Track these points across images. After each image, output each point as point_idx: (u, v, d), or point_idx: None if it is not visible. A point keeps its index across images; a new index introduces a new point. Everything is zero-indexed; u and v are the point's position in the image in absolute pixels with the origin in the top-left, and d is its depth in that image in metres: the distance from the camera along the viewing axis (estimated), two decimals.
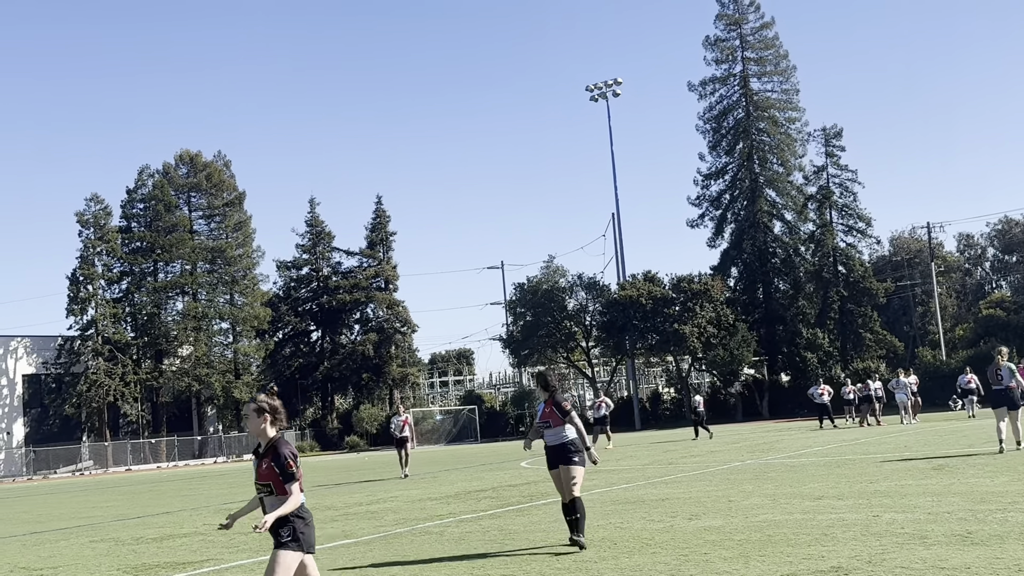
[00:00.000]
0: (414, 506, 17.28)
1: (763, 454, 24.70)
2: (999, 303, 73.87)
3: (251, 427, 6.60)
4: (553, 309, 74.75)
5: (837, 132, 73.94)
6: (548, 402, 10.61)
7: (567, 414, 10.42)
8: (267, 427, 6.55)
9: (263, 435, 6.56)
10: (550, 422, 10.49)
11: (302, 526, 6.48)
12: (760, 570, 8.24)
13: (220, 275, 78.66)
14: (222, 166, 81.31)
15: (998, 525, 9.60)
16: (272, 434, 6.56)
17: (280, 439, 6.55)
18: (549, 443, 10.53)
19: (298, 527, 6.46)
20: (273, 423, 6.57)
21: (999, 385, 19.69)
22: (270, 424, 6.55)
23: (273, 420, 6.57)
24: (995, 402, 19.89)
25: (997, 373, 19.80)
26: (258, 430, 6.57)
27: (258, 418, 6.56)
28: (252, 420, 6.58)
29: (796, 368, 71.91)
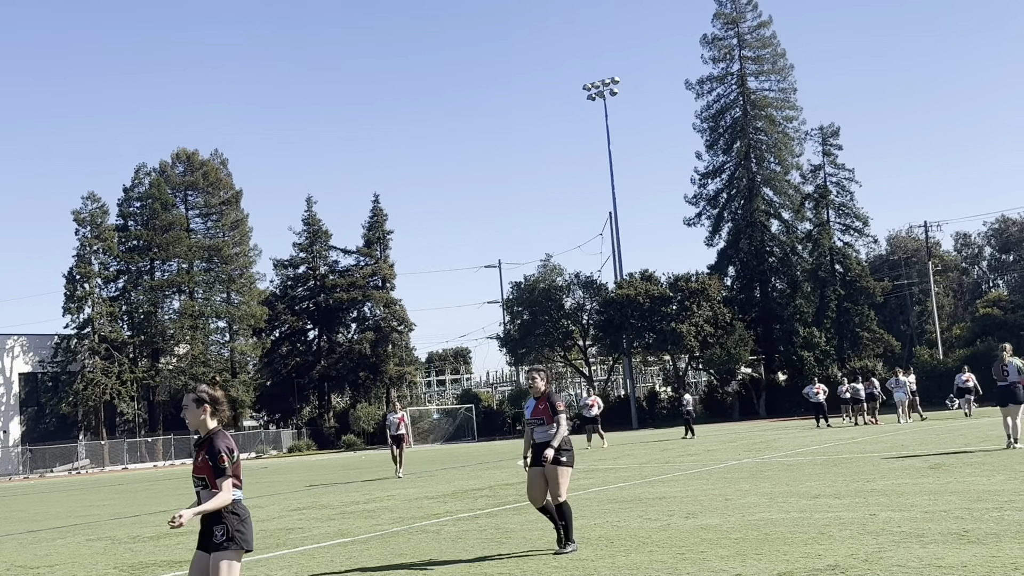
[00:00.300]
0: (411, 505, 17.26)
1: (760, 453, 24.71)
2: (996, 302, 73.95)
3: (190, 418, 6.32)
4: (550, 308, 74.76)
5: (834, 131, 73.99)
6: (542, 399, 10.33)
7: (558, 413, 10.13)
8: (207, 418, 6.28)
9: (203, 426, 6.30)
10: (543, 419, 10.22)
11: (237, 523, 6.22)
12: (756, 568, 8.24)
13: (217, 274, 78.65)
14: (219, 164, 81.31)
15: (994, 524, 9.61)
16: (211, 426, 6.30)
17: (218, 432, 6.29)
18: (539, 440, 10.21)
19: (232, 525, 6.20)
20: (214, 415, 6.31)
21: (1004, 381, 19.67)
22: (210, 416, 6.29)
23: (214, 411, 6.32)
24: (1001, 399, 19.89)
25: (1003, 369, 19.77)
26: (197, 421, 6.30)
27: (197, 408, 6.30)
28: (191, 411, 6.31)
29: (793, 367, 71.94)
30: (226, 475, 6.15)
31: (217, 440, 6.21)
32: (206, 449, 6.21)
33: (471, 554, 10.42)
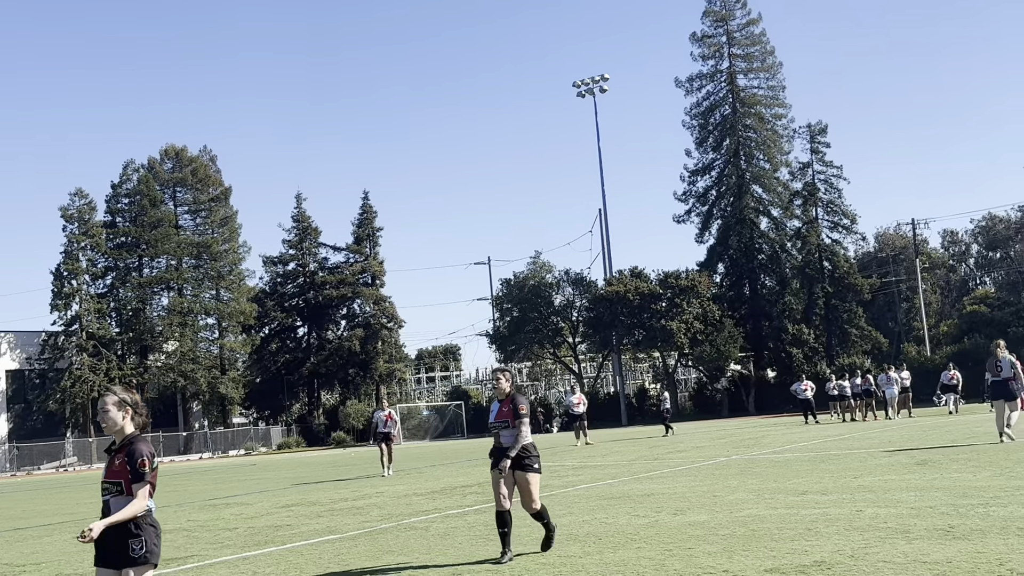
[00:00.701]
0: (400, 501, 17.26)
1: (748, 449, 24.77)
2: (983, 299, 74.26)
3: (108, 423, 5.93)
4: (540, 305, 74.85)
5: (822, 128, 74.23)
6: (506, 400, 9.82)
7: (520, 417, 9.58)
8: (126, 423, 5.94)
9: (120, 432, 5.93)
10: (508, 422, 9.72)
11: (154, 536, 5.86)
12: (744, 564, 8.26)
13: (206, 270, 78.46)
14: (208, 161, 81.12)
15: (980, 520, 9.65)
16: (130, 431, 5.94)
17: (139, 436, 5.96)
18: (505, 444, 9.69)
19: (150, 537, 5.83)
20: (133, 418, 5.97)
21: (997, 376, 20.02)
22: (130, 420, 5.95)
23: (133, 415, 5.98)
24: (994, 394, 20.23)
25: (997, 364, 20.12)
26: (116, 426, 5.93)
27: (118, 412, 5.93)
28: (110, 415, 5.92)
29: (782, 364, 72.19)
30: (144, 482, 5.81)
31: (139, 444, 5.87)
32: (125, 453, 5.86)
33: (459, 551, 10.43)
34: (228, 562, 11.04)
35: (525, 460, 9.61)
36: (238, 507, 18.99)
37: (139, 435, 5.98)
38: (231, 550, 12.09)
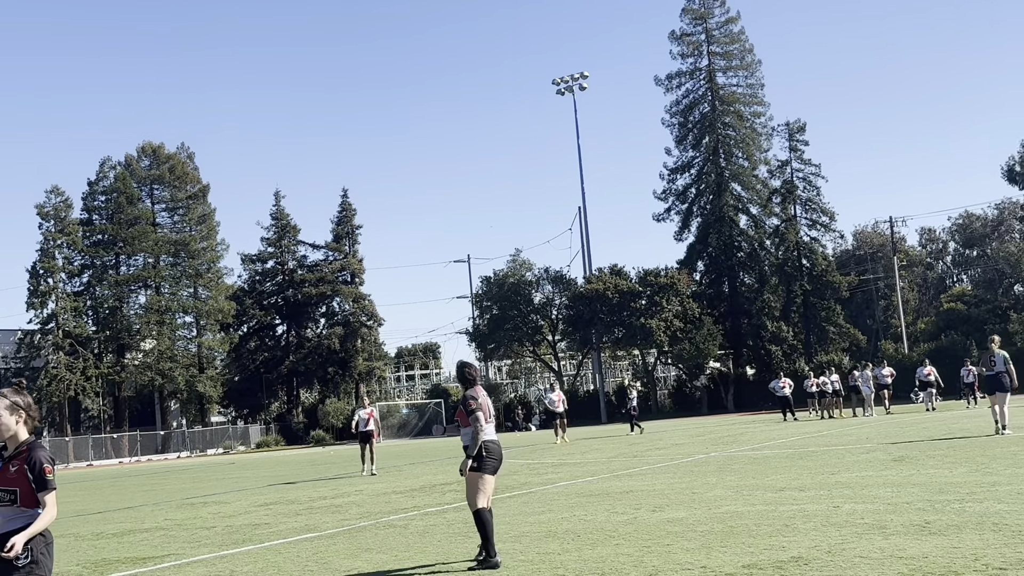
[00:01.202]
0: (379, 499, 17.22)
1: (727, 446, 24.84)
2: (960, 297, 74.75)
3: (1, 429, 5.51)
4: (519, 303, 74.86)
5: (801, 127, 74.53)
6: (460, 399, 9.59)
7: (470, 413, 9.26)
8: (20, 428, 5.52)
9: (14, 438, 5.52)
10: (458, 421, 9.56)
11: (43, 546, 5.45)
12: (721, 561, 8.28)
13: (183, 268, 78.14)
14: (185, 158, 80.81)
15: (956, 515, 9.71)
16: (24, 436, 5.53)
17: (35, 442, 5.57)
18: (464, 443, 9.49)
19: (38, 547, 5.41)
20: (26, 422, 5.57)
21: (991, 371, 21.19)
22: (23, 424, 5.54)
23: (26, 419, 5.58)
24: (988, 388, 21.54)
25: (991, 360, 21.23)
26: (10, 432, 5.51)
27: (11, 416, 5.51)
28: (3, 420, 5.49)
29: (761, 361, 72.48)
30: (51, 489, 5.46)
31: (37, 451, 5.49)
32: (23, 459, 5.46)
33: (438, 548, 10.41)
34: (206, 561, 10.98)
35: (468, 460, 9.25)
36: (216, 506, 18.90)
37: (35, 441, 5.61)
38: (209, 549, 12.03)
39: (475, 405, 9.29)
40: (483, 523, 9.04)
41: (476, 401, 9.33)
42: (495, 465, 9.34)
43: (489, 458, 9.27)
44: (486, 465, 9.22)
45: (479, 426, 9.19)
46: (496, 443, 9.41)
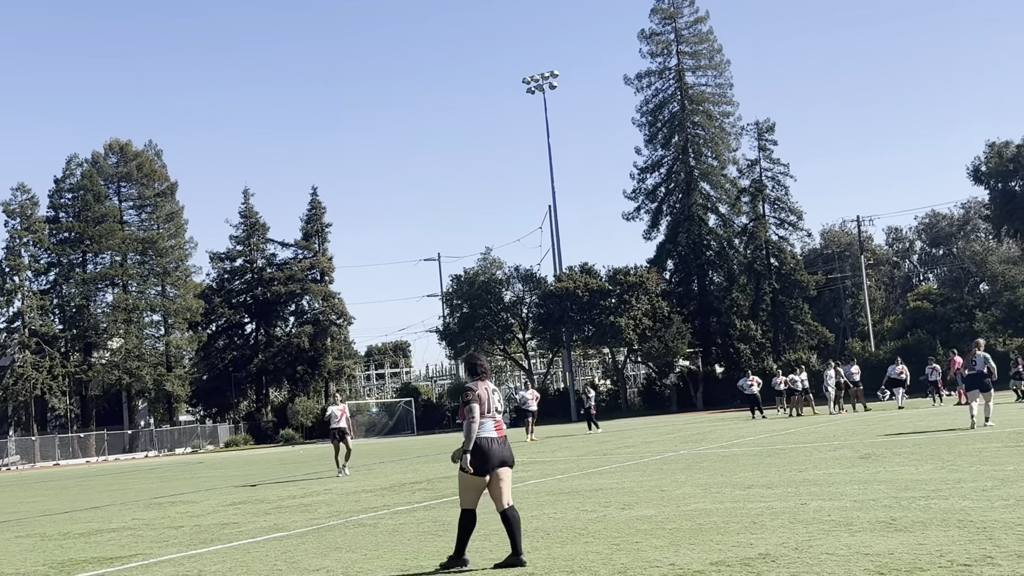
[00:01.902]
0: (348, 498, 17.18)
1: (696, 444, 24.97)
2: (926, 295, 75.49)
3: None
4: (490, 301, 74.85)
5: (770, 126, 74.95)
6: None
7: (465, 404, 8.80)
8: None
9: None
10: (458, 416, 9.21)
11: None
12: (690, 558, 8.33)
13: (151, 266, 77.58)
14: (153, 156, 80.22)
15: (921, 512, 9.81)
16: None
17: None
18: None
19: None
20: None
21: (973, 370, 23.08)
22: None
23: None
24: (969, 385, 23.46)
25: (972, 360, 23.27)
26: None
27: None
28: None
29: (730, 359, 72.89)
30: None
31: None
32: None
33: (408, 547, 10.40)
34: (173, 560, 10.91)
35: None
36: (184, 505, 18.79)
37: None
38: (176, 548, 11.96)
39: (471, 396, 8.79)
40: (464, 524, 8.75)
41: (473, 392, 8.84)
42: (492, 465, 8.71)
43: (482, 457, 8.67)
44: (479, 466, 8.66)
45: (473, 418, 8.67)
46: (495, 440, 8.76)
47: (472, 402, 8.74)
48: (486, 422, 8.79)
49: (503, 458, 8.83)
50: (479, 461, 8.68)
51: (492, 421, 8.85)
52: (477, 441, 8.69)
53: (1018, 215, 66.60)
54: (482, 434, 8.72)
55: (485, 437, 8.73)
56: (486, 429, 8.77)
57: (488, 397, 8.88)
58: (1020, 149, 65.94)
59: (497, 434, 8.83)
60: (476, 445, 8.68)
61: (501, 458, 8.80)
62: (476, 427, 8.68)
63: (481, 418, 8.74)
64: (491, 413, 8.86)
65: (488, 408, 8.84)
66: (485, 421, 8.79)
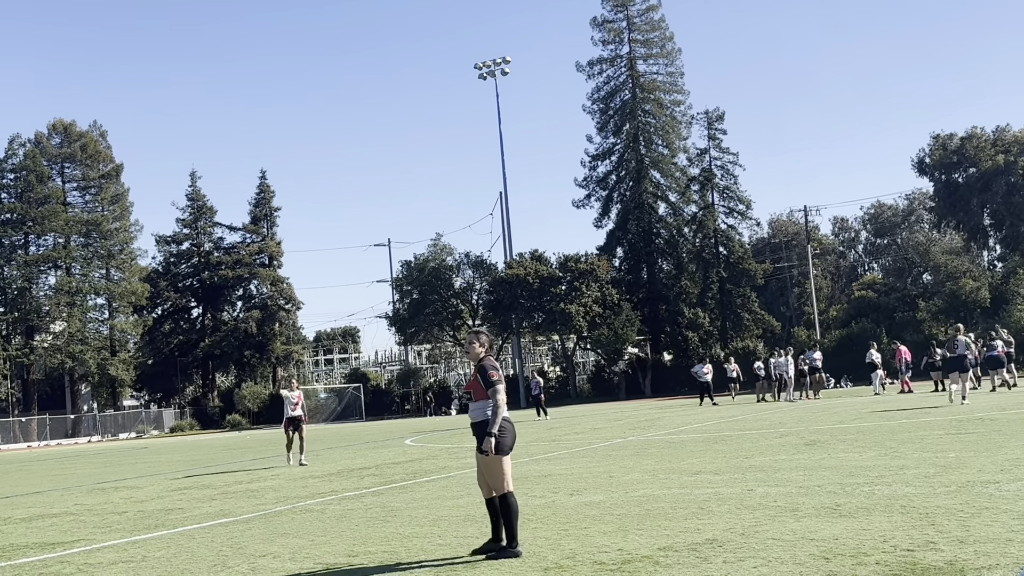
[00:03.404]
0: (295, 484, 17.06)
1: (644, 431, 25.12)
2: (871, 285, 76.58)
3: None
4: (440, 287, 74.69)
5: (719, 115, 75.43)
6: (476, 367, 8.64)
7: (492, 385, 8.38)
8: None
9: None
10: (472, 393, 8.62)
11: None
12: (638, 543, 8.36)
13: (95, 249, 76.42)
14: (98, 136, 78.95)
15: (865, 498, 9.94)
16: None
17: None
18: (473, 420, 8.60)
19: None
20: None
21: (954, 353, 25.80)
22: None
23: None
24: (951, 367, 26.30)
25: (954, 344, 25.89)
26: None
27: None
28: None
29: (678, 347, 73.47)
30: None
31: None
32: None
33: (355, 533, 10.34)
34: (117, 546, 10.76)
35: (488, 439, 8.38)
36: (128, 490, 18.55)
37: None
38: (120, 534, 11.79)
39: (497, 376, 8.43)
40: (509, 508, 8.39)
41: (498, 372, 8.50)
42: (511, 443, 8.53)
43: (506, 436, 8.44)
44: (505, 444, 8.42)
45: (501, 399, 8.36)
46: (510, 420, 8.57)
47: (499, 383, 8.44)
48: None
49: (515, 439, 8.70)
50: (509, 440, 8.48)
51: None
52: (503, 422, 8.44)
53: (961, 206, 67.73)
54: (505, 413, 8.52)
55: (506, 417, 8.53)
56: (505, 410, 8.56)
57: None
58: (964, 142, 66.99)
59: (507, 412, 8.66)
60: (503, 425, 8.42)
61: (514, 438, 8.65)
62: (504, 409, 8.44)
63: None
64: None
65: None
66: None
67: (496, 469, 8.43)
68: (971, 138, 66.82)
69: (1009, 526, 7.81)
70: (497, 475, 8.44)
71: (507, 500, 8.43)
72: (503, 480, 8.41)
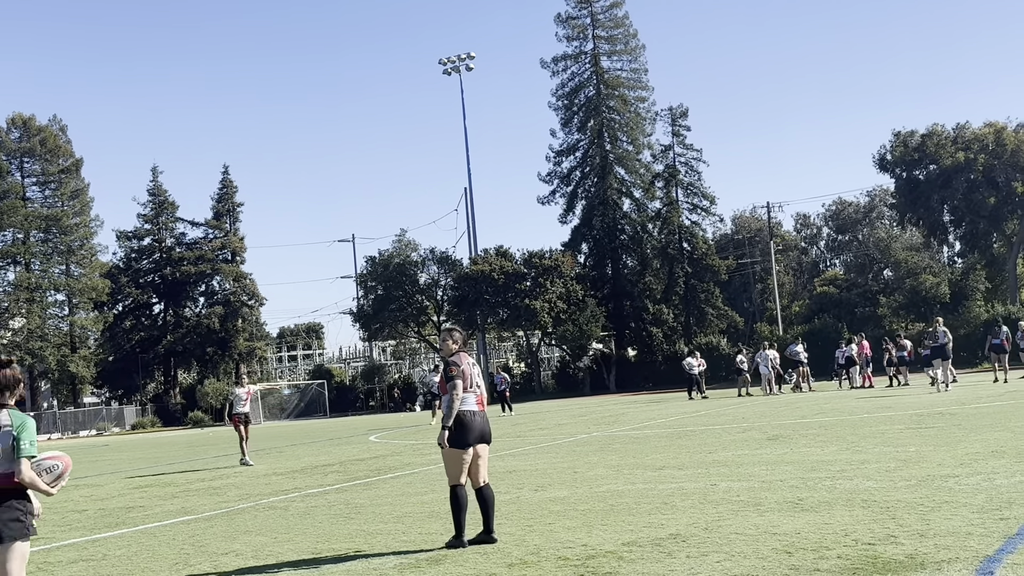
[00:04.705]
0: (258, 481, 16.95)
1: (609, 427, 25.20)
2: (832, 281, 77.23)
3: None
4: (405, 283, 74.46)
5: (683, 112, 75.69)
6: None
7: (449, 380, 8.77)
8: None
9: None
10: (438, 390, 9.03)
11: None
12: (602, 538, 8.38)
13: (55, 244, 75.53)
14: (58, 131, 77.97)
15: (827, 492, 10.02)
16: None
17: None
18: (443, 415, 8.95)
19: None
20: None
21: (936, 343, 29.05)
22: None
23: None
24: (932, 356, 29.40)
25: (936, 334, 29.19)
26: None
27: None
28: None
29: (643, 343, 73.74)
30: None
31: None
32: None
33: (319, 530, 10.30)
34: (77, 544, 10.65)
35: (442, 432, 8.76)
36: (88, 488, 18.37)
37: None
38: (80, 532, 11.67)
39: (455, 372, 8.77)
40: (456, 502, 8.68)
41: (458, 368, 8.82)
42: (473, 438, 8.78)
43: (464, 431, 8.73)
44: (459, 439, 8.70)
45: (455, 394, 8.69)
46: (477, 414, 8.86)
47: (456, 378, 8.75)
48: (468, 396, 8.86)
49: (483, 433, 8.93)
50: (462, 434, 8.74)
51: (474, 396, 8.93)
52: (460, 415, 8.75)
53: (922, 203, 68.36)
54: (464, 408, 8.78)
55: (468, 411, 8.80)
56: (468, 403, 8.85)
57: (470, 372, 8.96)
58: (924, 139, 67.62)
59: (478, 408, 8.94)
60: (458, 419, 8.74)
61: (481, 433, 8.90)
62: (458, 403, 8.73)
63: (464, 392, 8.80)
64: (473, 388, 8.94)
65: (470, 383, 8.91)
66: (468, 396, 8.84)
67: (448, 461, 8.75)
68: (932, 135, 67.48)
69: (968, 519, 7.91)
70: (448, 467, 8.77)
71: (453, 492, 8.72)
72: (453, 473, 8.73)
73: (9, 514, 5.74)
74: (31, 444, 5.83)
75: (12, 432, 5.81)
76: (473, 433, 8.80)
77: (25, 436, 5.81)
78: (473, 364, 9.09)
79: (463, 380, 8.81)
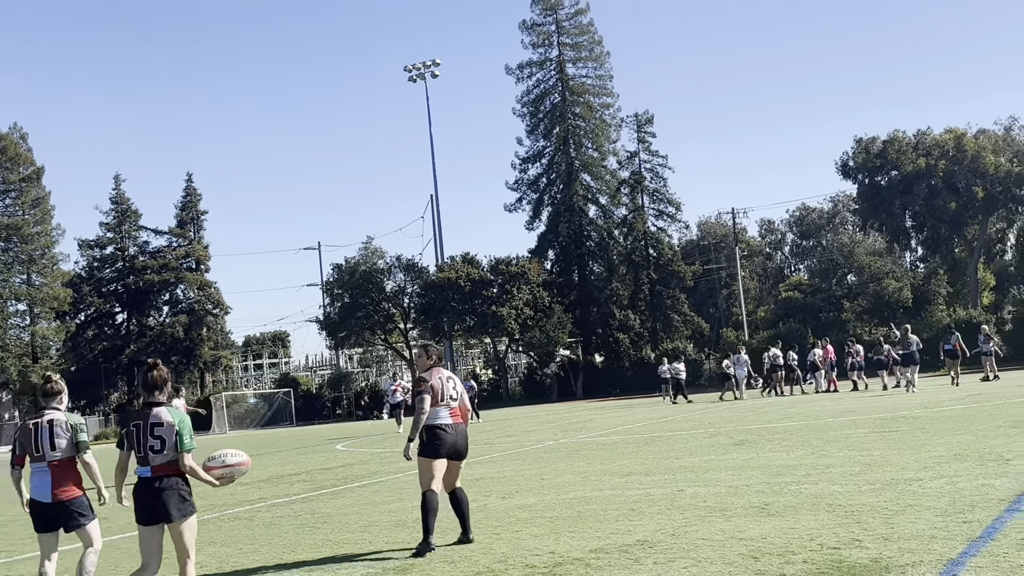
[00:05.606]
0: (223, 491, 16.77)
1: (576, 433, 25.21)
2: (797, 286, 77.80)
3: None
4: (371, 291, 74.20)
5: (648, 118, 75.99)
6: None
7: (417, 395, 9.12)
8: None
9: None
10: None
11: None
12: (570, 545, 8.38)
13: (15, 254, 74.63)
14: (18, 139, 77.07)
15: (792, 497, 10.08)
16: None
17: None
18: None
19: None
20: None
21: (907, 351, 31.34)
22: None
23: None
24: (904, 362, 31.75)
25: (907, 342, 31.52)
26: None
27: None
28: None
29: (610, 349, 73.88)
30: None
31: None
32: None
33: (285, 540, 10.22)
34: (31, 559, 10.48)
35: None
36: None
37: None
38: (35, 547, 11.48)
39: (423, 387, 9.07)
40: (425, 506, 8.88)
41: (425, 383, 9.09)
42: (444, 451, 9.01)
43: (434, 442, 8.98)
44: (431, 449, 8.97)
45: (422, 408, 8.99)
46: (447, 427, 9.05)
47: (424, 392, 9.03)
48: (440, 410, 9.09)
49: (457, 447, 9.15)
50: (433, 445, 8.99)
51: (447, 409, 9.15)
52: (431, 428, 8.99)
53: (884, 208, 69.02)
54: (435, 421, 9.02)
55: (438, 424, 9.03)
56: (440, 417, 9.08)
57: (442, 386, 9.17)
58: (886, 145, 68.28)
59: (452, 420, 9.15)
60: (429, 431, 8.99)
61: (455, 446, 9.13)
62: (424, 418, 8.98)
63: (434, 407, 9.03)
64: (445, 401, 9.15)
65: (442, 397, 9.13)
66: (439, 409, 9.07)
67: (420, 468, 9.04)
68: (893, 141, 68.17)
69: (932, 523, 7.97)
70: (420, 474, 9.05)
71: (424, 497, 8.93)
72: (425, 480, 8.97)
73: (177, 497, 6.94)
74: (191, 439, 7.01)
75: (176, 429, 6.94)
76: (444, 446, 9.01)
77: (186, 432, 6.97)
78: (448, 378, 9.30)
79: (431, 394, 9.02)
